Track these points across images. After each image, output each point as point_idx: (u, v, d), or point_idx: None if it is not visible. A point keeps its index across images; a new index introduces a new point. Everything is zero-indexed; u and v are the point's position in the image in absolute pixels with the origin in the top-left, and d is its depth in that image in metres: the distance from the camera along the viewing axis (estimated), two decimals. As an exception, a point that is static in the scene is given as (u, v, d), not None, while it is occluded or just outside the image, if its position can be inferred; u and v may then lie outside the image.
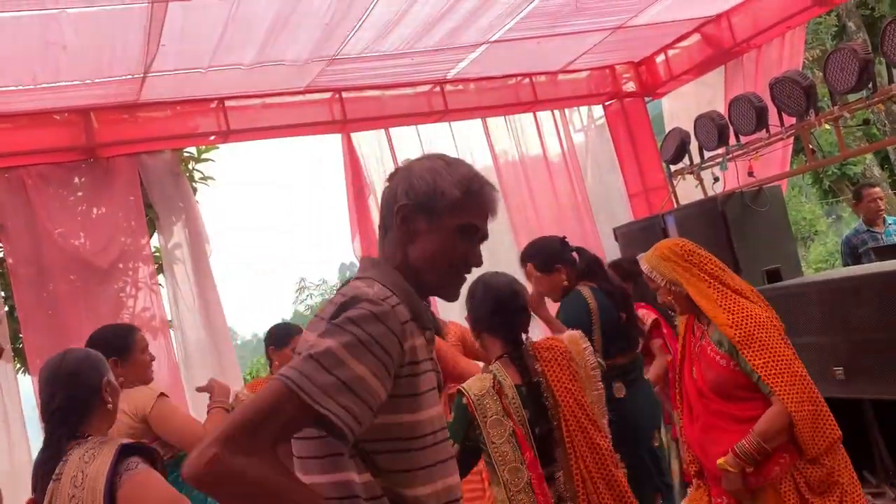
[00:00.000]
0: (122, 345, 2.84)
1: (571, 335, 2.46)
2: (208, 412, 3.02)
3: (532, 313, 2.76)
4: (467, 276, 1.53)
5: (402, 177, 1.48)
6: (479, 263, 1.50)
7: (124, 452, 1.85)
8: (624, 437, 2.82)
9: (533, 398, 2.25)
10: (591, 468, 2.21)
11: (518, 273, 2.90)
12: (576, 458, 2.20)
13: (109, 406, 2.02)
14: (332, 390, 1.21)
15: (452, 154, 6.05)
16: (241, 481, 1.17)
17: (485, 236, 1.51)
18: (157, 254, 5.00)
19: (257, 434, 1.19)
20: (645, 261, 2.71)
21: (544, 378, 2.28)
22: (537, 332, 3.47)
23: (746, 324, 2.45)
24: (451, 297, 1.50)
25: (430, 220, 1.44)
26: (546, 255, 3.25)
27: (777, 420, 2.36)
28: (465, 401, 2.23)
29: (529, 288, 3.15)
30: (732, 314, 2.48)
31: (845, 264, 5.32)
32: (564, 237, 3.37)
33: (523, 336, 2.40)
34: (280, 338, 3.70)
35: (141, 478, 1.82)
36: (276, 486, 1.20)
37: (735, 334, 2.45)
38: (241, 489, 1.18)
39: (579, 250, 3.36)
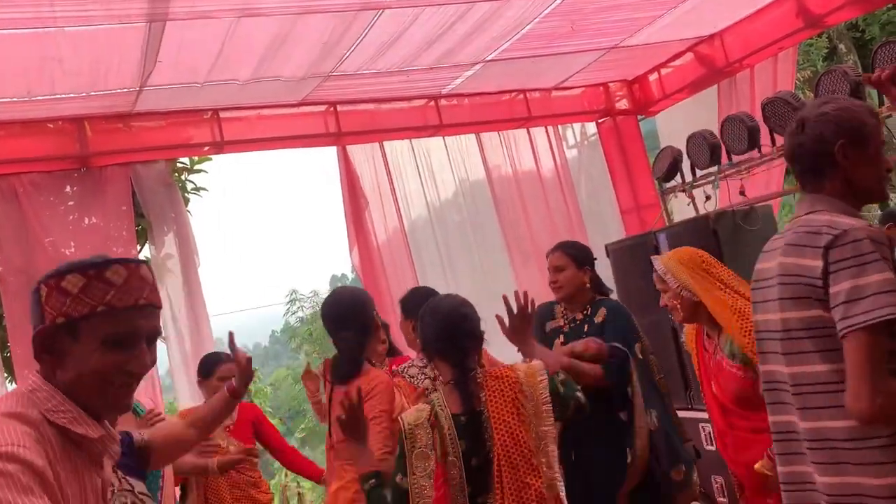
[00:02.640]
0: None
1: (531, 366, 2.35)
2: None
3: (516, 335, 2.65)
4: None
5: (818, 122, 1.84)
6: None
7: None
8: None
9: (472, 429, 2.17)
10: None
11: (510, 288, 2.87)
12: (502, 495, 2.12)
13: None
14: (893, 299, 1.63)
15: (447, 168, 5.97)
16: None
17: None
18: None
19: (883, 367, 1.63)
20: (661, 262, 2.71)
21: (486, 409, 2.19)
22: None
23: None
24: (886, 196, 1.98)
25: (864, 146, 1.84)
26: (585, 252, 3.27)
27: None
28: (401, 430, 2.17)
29: (545, 279, 3.15)
30: (746, 321, 2.46)
31: None
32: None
33: (473, 362, 2.29)
34: (209, 368, 3.72)
35: None
36: None
37: (748, 342, 2.44)
38: None
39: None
